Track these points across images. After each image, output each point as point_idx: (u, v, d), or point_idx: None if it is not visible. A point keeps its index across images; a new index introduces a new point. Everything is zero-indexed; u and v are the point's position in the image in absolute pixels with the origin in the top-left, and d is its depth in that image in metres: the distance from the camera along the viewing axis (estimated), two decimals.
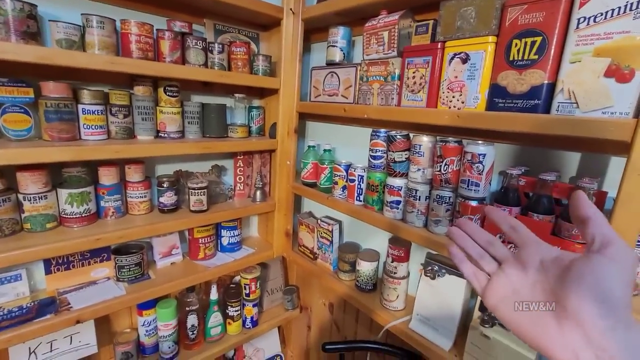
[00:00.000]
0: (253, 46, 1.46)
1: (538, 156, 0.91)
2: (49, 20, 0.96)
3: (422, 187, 0.98)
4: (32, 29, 0.92)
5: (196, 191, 1.27)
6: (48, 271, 1.13)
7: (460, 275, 0.98)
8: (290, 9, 1.32)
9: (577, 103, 0.69)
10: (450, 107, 0.89)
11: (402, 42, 1.01)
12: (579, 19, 0.68)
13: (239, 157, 1.47)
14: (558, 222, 0.76)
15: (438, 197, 0.94)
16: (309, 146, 1.42)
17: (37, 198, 1.01)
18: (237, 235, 1.48)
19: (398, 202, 1.04)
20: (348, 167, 1.21)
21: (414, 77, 0.97)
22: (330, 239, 1.35)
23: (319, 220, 1.41)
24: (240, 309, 1.49)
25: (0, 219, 0.96)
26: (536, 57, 0.73)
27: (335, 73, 1.23)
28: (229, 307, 1.46)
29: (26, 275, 1.10)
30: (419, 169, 0.97)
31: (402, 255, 1.12)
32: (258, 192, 1.47)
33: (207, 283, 1.50)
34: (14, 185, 1.01)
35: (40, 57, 0.87)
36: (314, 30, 1.47)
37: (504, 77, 0.79)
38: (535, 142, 0.89)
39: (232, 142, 1.31)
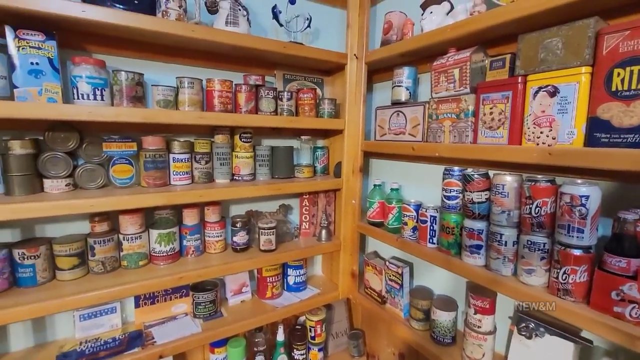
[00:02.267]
0: (318, 91, 1.54)
1: None
2: (152, 85, 1.13)
3: (508, 231, 0.88)
4: (139, 93, 1.08)
5: (266, 231, 1.31)
6: (137, 305, 1.24)
7: (566, 337, 0.83)
8: (354, 55, 1.37)
9: None
10: (538, 144, 0.81)
11: (475, 78, 0.97)
12: None
13: (304, 197, 1.51)
14: None
15: (529, 243, 0.83)
16: (375, 185, 1.40)
17: (134, 238, 1.14)
18: (302, 275, 1.48)
19: (479, 247, 0.95)
20: (418, 207, 1.16)
21: (491, 113, 0.91)
22: (400, 282, 1.27)
23: (386, 262, 1.34)
24: (305, 353, 1.44)
25: (104, 256, 1.10)
26: None
27: (402, 112, 1.23)
28: (294, 349, 1.43)
29: (120, 308, 1.21)
30: (503, 211, 0.89)
31: (487, 307, 1.00)
32: (323, 231, 1.47)
33: (273, 323, 1.50)
34: (117, 226, 1.15)
35: (145, 117, 1.01)
36: (376, 71, 1.51)
37: (607, 110, 0.70)
38: None
39: (299, 183, 1.35)
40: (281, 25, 1.33)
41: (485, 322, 1.01)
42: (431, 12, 1.11)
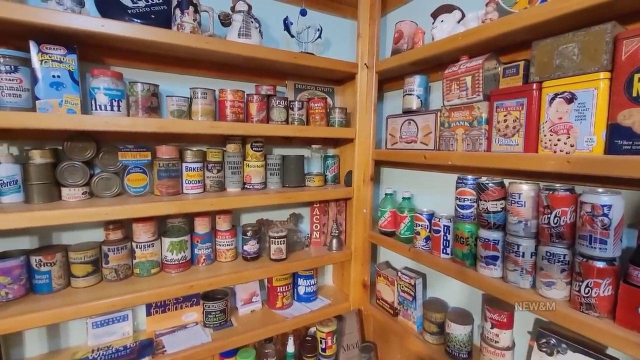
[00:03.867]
0: (329, 100, 1.54)
1: None
2: (167, 96, 1.16)
3: (525, 241, 0.85)
4: (154, 104, 1.11)
5: (277, 240, 1.31)
6: (149, 313, 1.24)
7: (590, 354, 0.79)
8: (365, 64, 1.38)
9: None
10: (555, 152, 0.79)
11: (487, 85, 0.96)
12: None
13: (315, 205, 1.50)
14: None
15: (548, 254, 0.80)
16: (386, 194, 1.38)
17: (146, 246, 1.15)
18: (313, 285, 1.47)
19: (495, 258, 0.92)
20: (431, 216, 1.13)
21: (505, 121, 0.89)
22: (412, 294, 1.24)
23: (399, 272, 1.32)
24: None
25: (117, 264, 1.11)
26: None
27: (413, 120, 1.22)
28: None
29: (131, 316, 1.22)
30: (520, 221, 0.86)
31: (505, 321, 0.96)
32: (334, 241, 1.46)
33: (283, 333, 1.48)
34: (130, 234, 1.17)
35: (159, 127, 1.03)
36: (387, 80, 1.51)
37: (628, 116, 0.67)
38: None
39: (310, 192, 1.35)
40: (292, 36, 1.35)
41: (503, 336, 0.97)
42: (442, 21, 1.10)
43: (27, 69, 0.93)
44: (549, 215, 0.80)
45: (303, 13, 1.34)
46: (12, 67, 0.91)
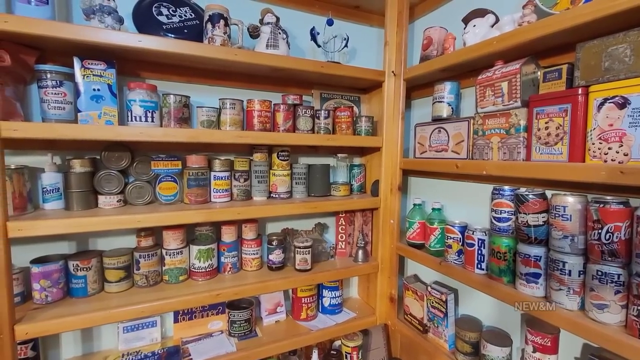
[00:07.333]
0: (355, 109, 1.53)
1: None
2: (197, 107, 1.19)
3: (572, 258, 0.78)
4: (185, 115, 1.14)
5: (302, 250, 1.29)
6: (176, 320, 1.26)
7: None
8: (392, 72, 1.35)
9: None
10: (606, 161, 0.72)
11: (525, 91, 0.91)
12: None
13: (341, 215, 1.48)
14: None
15: (600, 273, 0.73)
16: (415, 204, 1.33)
17: (175, 253, 1.17)
18: (338, 297, 1.43)
19: (537, 275, 0.85)
20: (464, 228, 1.08)
21: (547, 128, 0.84)
22: (444, 310, 1.18)
23: (429, 287, 1.26)
24: None
25: (148, 270, 1.14)
26: None
27: (444, 128, 1.17)
28: None
29: (160, 322, 1.24)
30: (565, 236, 0.79)
31: (549, 344, 0.88)
32: (360, 252, 1.42)
33: (307, 346, 1.45)
34: (160, 241, 1.20)
35: (189, 137, 1.06)
36: (415, 87, 1.47)
37: None
38: None
39: (335, 201, 1.33)
40: (319, 46, 1.35)
41: None
42: (474, 25, 1.07)
43: (70, 83, 0.99)
44: (600, 231, 0.73)
45: (330, 23, 1.35)
46: (58, 82, 0.97)
